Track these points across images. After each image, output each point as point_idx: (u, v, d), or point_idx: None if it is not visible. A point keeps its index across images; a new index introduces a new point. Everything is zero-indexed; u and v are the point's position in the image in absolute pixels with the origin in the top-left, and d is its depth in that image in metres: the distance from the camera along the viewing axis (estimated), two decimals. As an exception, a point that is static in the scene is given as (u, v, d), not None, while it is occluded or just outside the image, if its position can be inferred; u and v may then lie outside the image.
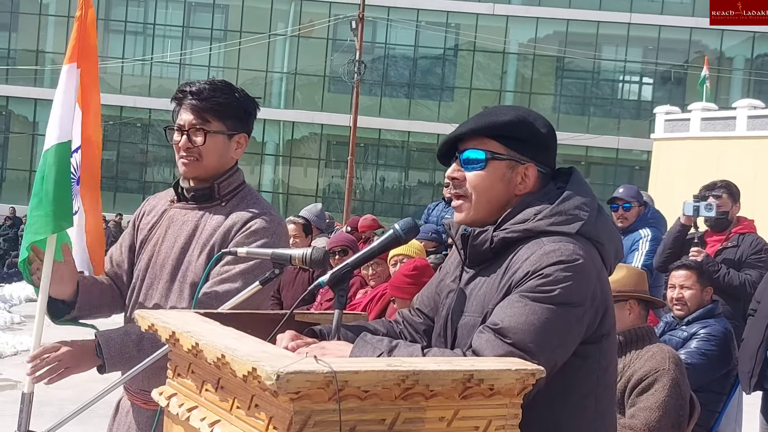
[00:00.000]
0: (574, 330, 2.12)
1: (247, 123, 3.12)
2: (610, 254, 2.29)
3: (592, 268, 2.16)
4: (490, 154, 2.26)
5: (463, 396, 1.88)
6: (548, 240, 2.17)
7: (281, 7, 38.06)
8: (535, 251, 2.15)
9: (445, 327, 2.32)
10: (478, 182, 2.28)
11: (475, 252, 2.27)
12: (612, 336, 2.28)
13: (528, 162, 2.28)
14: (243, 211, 3.03)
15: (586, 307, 2.13)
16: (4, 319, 11.67)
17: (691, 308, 5.05)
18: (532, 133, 2.28)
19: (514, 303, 2.10)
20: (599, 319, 2.19)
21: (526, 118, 2.29)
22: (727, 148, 25.57)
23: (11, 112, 39.18)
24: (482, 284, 2.24)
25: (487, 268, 2.25)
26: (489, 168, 2.27)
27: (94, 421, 5.30)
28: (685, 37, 36.52)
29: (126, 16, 38.72)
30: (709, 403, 4.83)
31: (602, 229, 2.27)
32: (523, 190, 2.28)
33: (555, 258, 2.11)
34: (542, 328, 2.06)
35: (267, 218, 3.02)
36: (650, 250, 6.54)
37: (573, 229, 2.19)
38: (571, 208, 2.23)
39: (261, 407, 1.85)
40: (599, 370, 2.23)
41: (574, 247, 2.14)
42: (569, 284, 2.09)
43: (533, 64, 38.17)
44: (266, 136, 38.29)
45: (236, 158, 3.13)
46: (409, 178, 39.14)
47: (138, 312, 2.29)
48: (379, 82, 38.28)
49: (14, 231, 27.85)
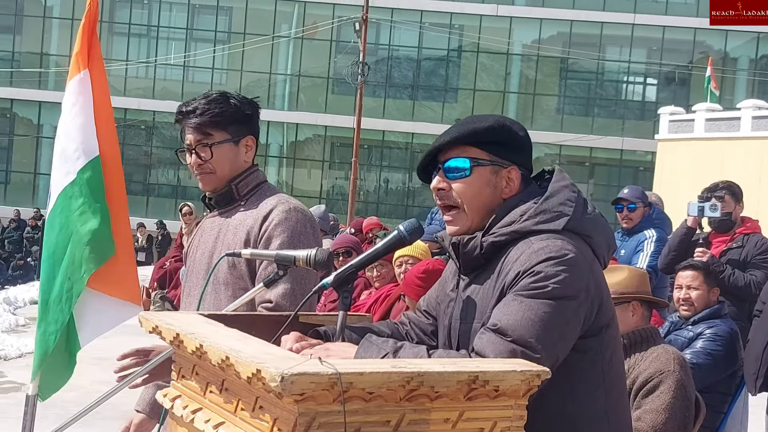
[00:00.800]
0: (572, 323, 2.14)
1: (250, 125, 3.15)
2: (601, 246, 2.30)
3: (583, 262, 2.19)
4: (474, 161, 2.30)
5: (468, 397, 1.88)
6: (536, 239, 2.19)
7: (285, 9, 38.07)
8: (524, 251, 2.17)
9: (449, 336, 2.34)
10: (465, 190, 2.30)
11: (468, 259, 2.29)
12: (612, 328, 2.29)
13: (510, 165, 2.31)
14: (260, 205, 3.07)
15: (581, 299, 2.15)
16: (8, 321, 11.68)
17: (698, 308, 5.04)
18: (511, 136, 2.32)
19: (509, 302, 2.13)
20: (596, 311, 2.21)
21: (504, 122, 2.34)
22: (731, 149, 25.52)
23: (15, 114, 39.23)
24: (478, 291, 2.26)
25: (480, 275, 2.28)
26: (474, 175, 2.30)
27: (98, 423, 5.30)
28: (690, 37, 36.47)
29: (130, 18, 38.77)
30: (715, 404, 4.82)
31: (589, 223, 2.29)
32: (509, 194, 2.31)
33: (544, 255, 2.14)
34: (540, 323, 2.08)
35: (283, 207, 3.04)
36: (655, 251, 6.53)
37: (559, 225, 2.22)
38: (555, 205, 2.25)
39: (265, 409, 1.84)
40: (603, 363, 2.25)
41: (562, 243, 2.17)
42: (562, 278, 2.12)
43: (537, 65, 38.14)
44: (270, 138, 38.30)
45: (249, 160, 3.18)
46: (413, 180, 39.08)
47: (141, 314, 2.29)
48: (383, 83, 38.28)
49: (19, 233, 27.92)
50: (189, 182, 38.81)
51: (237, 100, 3.13)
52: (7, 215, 30.47)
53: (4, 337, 10.30)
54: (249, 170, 3.16)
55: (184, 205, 13.65)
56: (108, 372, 3.34)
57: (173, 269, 11.89)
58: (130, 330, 3.89)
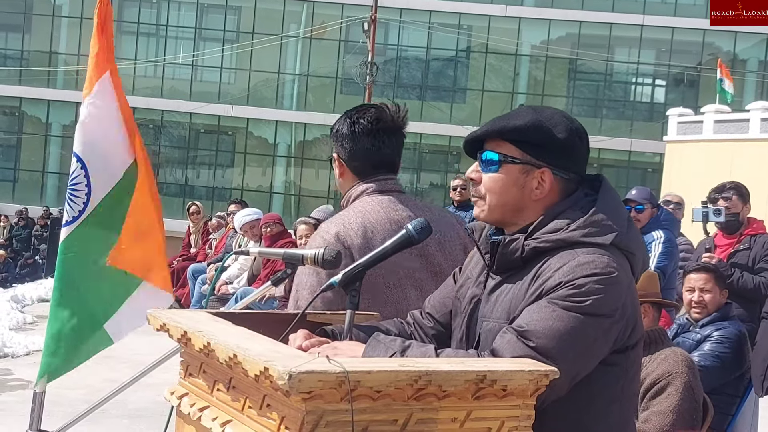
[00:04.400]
0: (600, 341, 2.11)
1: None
2: (638, 264, 2.27)
3: (624, 281, 2.15)
4: (504, 157, 2.25)
5: (476, 397, 1.87)
6: (582, 251, 2.14)
7: (293, 8, 38.07)
8: (568, 261, 2.13)
9: (467, 332, 2.31)
10: (492, 185, 2.27)
11: (505, 259, 2.24)
12: (639, 346, 2.27)
13: (544, 167, 2.24)
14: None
15: (615, 319, 2.11)
16: (16, 319, 11.68)
17: (710, 311, 5.03)
18: (547, 137, 2.24)
19: (542, 308, 2.09)
20: (629, 331, 2.18)
21: (542, 122, 2.25)
22: (740, 151, 25.44)
23: (24, 113, 39.30)
24: (508, 291, 2.22)
25: (514, 275, 2.23)
26: (503, 171, 2.26)
27: (105, 421, 5.31)
28: (698, 39, 36.38)
29: (138, 17, 38.81)
30: (723, 406, 4.81)
31: (633, 239, 2.26)
32: (539, 196, 2.25)
33: (589, 270, 2.10)
34: (567, 336, 2.05)
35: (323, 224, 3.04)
36: (663, 252, 6.51)
37: (607, 240, 2.18)
38: (604, 218, 2.20)
39: (273, 407, 1.84)
40: (625, 380, 2.22)
41: (608, 260, 2.13)
42: (601, 297, 2.08)
43: (546, 66, 38.08)
44: (278, 138, 38.32)
45: (345, 183, 3.11)
46: (421, 180, 39.09)
47: (149, 311, 2.29)
48: (391, 83, 38.25)
49: (27, 232, 27.96)
50: (197, 181, 38.88)
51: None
52: (14, 214, 30.50)
53: (11, 334, 10.31)
54: (350, 190, 3.13)
55: (191, 204, 13.66)
56: (115, 370, 3.37)
57: (180, 268, 11.90)
58: (137, 328, 3.89)
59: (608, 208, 2.23)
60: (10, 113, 39.49)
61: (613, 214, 2.22)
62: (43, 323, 10.79)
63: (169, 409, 2.35)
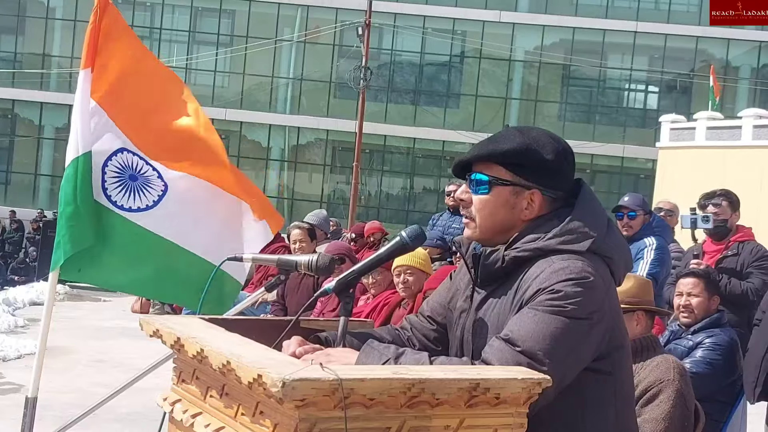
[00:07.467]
0: (583, 344, 2.14)
1: None
2: (619, 267, 2.32)
3: (601, 284, 2.19)
4: (494, 179, 2.30)
5: (469, 404, 1.88)
6: (557, 258, 2.20)
7: (288, 12, 38.08)
8: (544, 269, 2.18)
9: (461, 347, 2.34)
10: (482, 206, 2.32)
11: (487, 271, 2.29)
12: (624, 348, 2.31)
13: (534, 188, 2.29)
14: None
15: (594, 321, 2.15)
16: (8, 322, 11.63)
17: (698, 316, 5.03)
18: (536, 160, 2.28)
19: (524, 315, 2.14)
20: (609, 334, 2.22)
21: (530, 145, 2.29)
22: (732, 158, 25.52)
23: (17, 115, 39.23)
24: (494, 306, 2.27)
25: (498, 290, 2.28)
26: (493, 193, 2.30)
27: (96, 426, 5.30)
28: (691, 45, 36.49)
29: (132, 20, 38.73)
30: (714, 413, 4.81)
31: (612, 244, 2.29)
32: (528, 216, 2.30)
33: (564, 275, 2.15)
34: (551, 338, 2.09)
35: None
36: (655, 259, 6.52)
37: (583, 247, 2.22)
38: (580, 225, 2.25)
39: (266, 414, 1.84)
40: (616, 383, 2.26)
41: (582, 264, 2.18)
42: (579, 299, 2.13)
43: (539, 71, 38.14)
44: (271, 142, 38.31)
45: None
46: (415, 185, 39.11)
47: (142, 318, 2.29)
48: (385, 88, 38.27)
49: (20, 234, 27.89)
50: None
51: None
52: (6, 216, 30.41)
53: (3, 338, 10.25)
54: None
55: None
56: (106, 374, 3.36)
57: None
58: (130, 333, 3.89)
59: (585, 214, 2.28)
60: (2, 115, 39.40)
61: (590, 220, 2.27)
62: (35, 327, 10.76)
63: (160, 414, 2.35)
